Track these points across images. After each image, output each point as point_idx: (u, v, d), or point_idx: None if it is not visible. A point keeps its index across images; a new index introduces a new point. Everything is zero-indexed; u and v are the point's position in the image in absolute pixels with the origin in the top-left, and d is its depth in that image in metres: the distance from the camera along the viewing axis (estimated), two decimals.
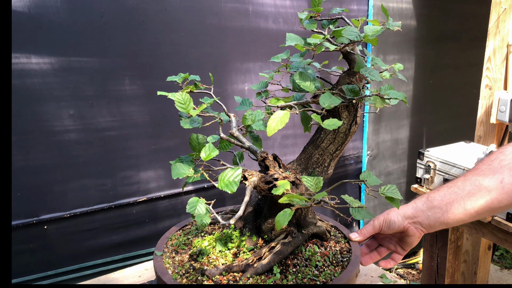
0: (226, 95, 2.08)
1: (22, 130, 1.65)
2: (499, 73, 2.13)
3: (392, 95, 0.93)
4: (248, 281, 0.99)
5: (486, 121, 2.21)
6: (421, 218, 1.01)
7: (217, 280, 0.99)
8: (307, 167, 1.11)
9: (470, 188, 0.96)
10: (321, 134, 1.09)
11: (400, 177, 2.93)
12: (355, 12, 2.41)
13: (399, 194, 0.93)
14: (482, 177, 0.96)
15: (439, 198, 0.99)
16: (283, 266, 1.05)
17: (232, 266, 1.03)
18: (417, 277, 2.97)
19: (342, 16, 1.03)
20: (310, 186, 0.92)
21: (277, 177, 1.00)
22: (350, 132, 1.07)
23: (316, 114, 0.95)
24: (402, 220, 1.03)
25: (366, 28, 0.91)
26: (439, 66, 2.91)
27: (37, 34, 1.61)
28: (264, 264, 1.02)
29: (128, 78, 1.82)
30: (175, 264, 1.09)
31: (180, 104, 0.93)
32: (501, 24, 2.09)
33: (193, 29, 1.92)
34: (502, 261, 3.06)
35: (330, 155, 1.10)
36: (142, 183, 1.95)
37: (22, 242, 1.73)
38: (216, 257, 1.09)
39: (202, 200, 0.86)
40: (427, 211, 1.00)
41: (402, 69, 1.13)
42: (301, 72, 0.98)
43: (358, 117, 1.06)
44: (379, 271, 1.34)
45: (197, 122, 1.01)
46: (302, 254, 1.09)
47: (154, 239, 1.91)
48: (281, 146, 2.34)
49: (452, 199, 0.97)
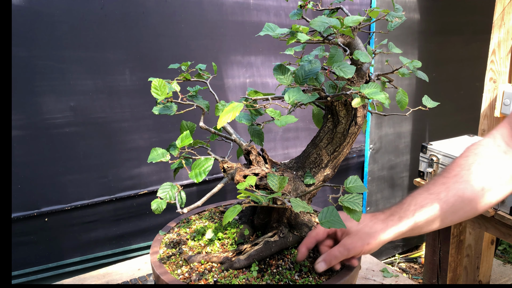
0: (227, 88, 2.07)
1: (23, 122, 1.64)
2: (503, 66, 2.11)
3: (373, 95, 0.84)
4: (222, 273, 0.98)
5: (490, 115, 2.19)
6: (399, 238, 0.97)
7: (193, 267, 1.01)
8: (303, 166, 1.07)
9: (453, 201, 0.94)
10: (320, 132, 1.05)
11: (403, 170, 2.91)
12: (358, 4, 2.39)
13: (360, 205, 0.81)
14: (464, 186, 0.94)
15: (423, 218, 0.94)
16: (265, 265, 1.01)
17: (211, 256, 1.03)
18: (419, 271, 2.96)
19: (341, 6, 0.99)
20: (273, 185, 0.87)
21: (258, 172, 0.98)
22: (349, 133, 1.00)
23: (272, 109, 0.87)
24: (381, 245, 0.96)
25: (347, 19, 0.85)
26: (442, 59, 2.89)
27: (36, 26, 1.59)
28: (241, 260, 1.00)
29: (129, 70, 1.80)
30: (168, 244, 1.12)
31: (154, 89, 0.92)
32: (506, 17, 2.07)
33: (193, 21, 1.90)
34: (505, 255, 3.05)
35: (328, 156, 1.04)
36: (143, 176, 1.94)
37: (22, 235, 1.73)
38: (205, 244, 1.10)
39: (175, 187, 0.87)
40: (409, 233, 0.95)
41: (420, 66, 1.03)
42: (279, 65, 0.94)
43: (358, 117, 0.99)
44: (381, 265, 1.33)
45: (170, 108, 0.97)
46: (290, 256, 1.05)
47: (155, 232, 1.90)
48: (282, 139, 2.32)
49: (435, 217, 0.94)
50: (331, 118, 1.01)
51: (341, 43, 0.89)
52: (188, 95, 1.03)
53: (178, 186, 0.88)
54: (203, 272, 0.99)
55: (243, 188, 0.84)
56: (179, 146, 0.92)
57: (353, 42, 0.95)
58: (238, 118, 0.98)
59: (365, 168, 2.69)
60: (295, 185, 1.03)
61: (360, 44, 0.96)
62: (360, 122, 1.00)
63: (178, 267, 1.02)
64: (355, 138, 1.03)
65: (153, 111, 0.96)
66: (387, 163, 2.81)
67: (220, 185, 0.92)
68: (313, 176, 1.05)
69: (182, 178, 2.04)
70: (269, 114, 0.84)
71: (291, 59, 1.11)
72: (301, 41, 0.84)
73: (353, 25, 0.84)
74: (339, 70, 0.84)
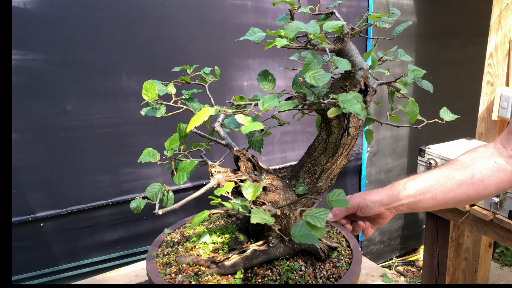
0: (224, 91, 2.05)
1: (19, 126, 1.62)
2: (501, 69, 2.11)
3: (346, 105, 0.80)
4: (206, 277, 0.99)
5: (487, 118, 2.19)
6: (395, 204, 1.06)
7: (182, 268, 1.03)
8: (297, 176, 1.03)
9: (443, 181, 1.03)
10: (314, 141, 1.02)
11: (400, 174, 2.91)
12: (356, 8, 2.38)
13: (324, 221, 0.74)
14: (455, 171, 1.04)
15: (415, 188, 1.05)
16: (251, 274, 1.00)
17: (200, 259, 1.03)
18: (416, 275, 2.96)
19: (334, 11, 0.96)
20: (246, 193, 0.85)
21: (245, 179, 0.97)
22: (341, 144, 0.96)
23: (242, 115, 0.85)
24: (378, 206, 1.06)
25: (326, 24, 0.82)
26: (439, 62, 2.89)
27: (33, 29, 1.58)
28: (227, 266, 1.00)
29: (125, 73, 1.79)
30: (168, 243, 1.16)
31: (145, 91, 0.92)
32: (503, 20, 2.07)
33: (191, 24, 1.89)
34: (502, 258, 3.05)
35: (321, 166, 1.00)
36: (139, 180, 1.93)
37: (18, 240, 1.71)
38: (199, 246, 1.11)
39: (163, 187, 0.90)
40: (403, 199, 1.05)
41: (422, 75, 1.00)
42: (264, 71, 0.92)
43: (351, 127, 0.95)
44: (380, 270, 1.32)
45: (156, 110, 0.96)
46: (280, 267, 1.03)
47: (152, 237, 1.89)
48: (280, 142, 2.31)
49: (426, 190, 1.04)
50: (325, 127, 0.98)
51: (328, 49, 0.85)
52: (182, 98, 1.02)
53: (166, 187, 0.90)
54: (188, 274, 1.01)
55: (219, 194, 0.84)
56: (167, 148, 0.93)
57: (344, 48, 0.91)
58: (227, 123, 1.00)
59: (363, 171, 2.68)
60: (285, 195, 1.01)
61: (353, 50, 0.92)
62: (354, 132, 0.96)
63: (168, 267, 1.04)
64: (349, 149, 0.99)
65: (141, 112, 0.96)
66: (385, 166, 2.81)
67: (203, 189, 0.91)
68: (306, 186, 1.02)
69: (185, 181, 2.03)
70: (238, 120, 0.83)
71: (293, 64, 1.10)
72: (278, 46, 0.81)
73: (331, 30, 0.81)
74: (311, 78, 0.79)
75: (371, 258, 2.91)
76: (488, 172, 1.01)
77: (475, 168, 1.02)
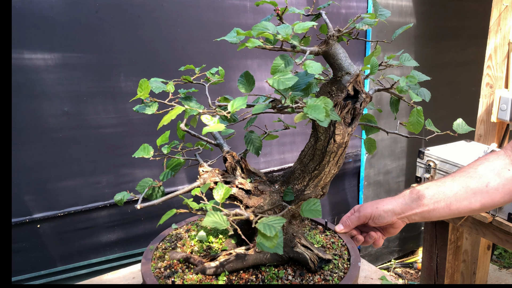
0: (223, 92, 2.05)
1: (16, 127, 1.61)
2: (500, 71, 2.11)
3: (311, 111, 0.76)
4: (191, 275, 1.01)
5: (486, 120, 2.19)
6: (408, 213, 1.03)
7: (172, 264, 1.06)
8: (288, 182, 1.01)
9: (457, 190, 1.01)
10: (305, 147, 0.99)
11: (399, 175, 2.91)
12: (354, 9, 2.38)
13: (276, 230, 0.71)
14: (469, 180, 1.01)
15: (428, 196, 1.02)
16: (236, 277, 1.00)
17: (189, 257, 1.06)
18: (415, 276, 2.95)
19: (321, 12, 0.93)
20: (216, 195, 0.84)
21: (229, 181, 0.98)
22: (328, 151, 0.93)
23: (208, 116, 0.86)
24: (391, 215, 1.04)
25: (297, 26, 0.80)
26: (438, 64, 2.89)
27: (31, 30, 1.57)
28: (211, 267, 1.00)
29: (123, 74, 1.78)
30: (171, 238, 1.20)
31: (139, 89, 0.93)
32: (503, 22, 2.07)
33: (190, 25, 1.88)
34: (500, 260, 3.05)
35: (309, 174, 0.98)
36: (137, 181, 1.91)
37: (15, 241, 1.69)
38: (194, 244, 1.14)
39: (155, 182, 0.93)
40: (416, 208, 1.03)
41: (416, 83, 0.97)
42: (245, 72, 0.91)
43: (337, 135, 0.91)
44: (379, 273, 1.32)
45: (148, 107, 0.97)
46: (266, 274, 1.01)
47: (150, 238, 1.88)
48: (279, 144, 2.31)
49: (440, 198, 1.01)
50: (314, 133, 0.96)
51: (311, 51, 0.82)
52: (178, 96, 1.02)
53: (158, 182, 0.92)
54: (175, 270, 1.03)
55: (194, 194, 0.87)
56: (158, 144, 0.96)
57: (330, 51, 0.87)
58: None
59: (361, 173, 2.68)
60: (271, 200, 0.99)
61: (340, 53, 0.88)
62: (340, 140, 0.92)
63: (160, 261, 1.07)
64: (337, 158, 0.95)
65: (134, 109, 0.98)
66: (383, 168, 2.80)
67: (187, 188, 0.92)
68: (294, 193, 0.99)
69: (185, 182, 2.02)
70: (204, 121, 0.83)
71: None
72: (249, 47, 0.79)
73: (302, 32, 0.79)
74: (274, 81, 0.77)
75: (370, 260, 2.90)
76: (503, 181, 0.98)
77: (489, 176, 1.00)
